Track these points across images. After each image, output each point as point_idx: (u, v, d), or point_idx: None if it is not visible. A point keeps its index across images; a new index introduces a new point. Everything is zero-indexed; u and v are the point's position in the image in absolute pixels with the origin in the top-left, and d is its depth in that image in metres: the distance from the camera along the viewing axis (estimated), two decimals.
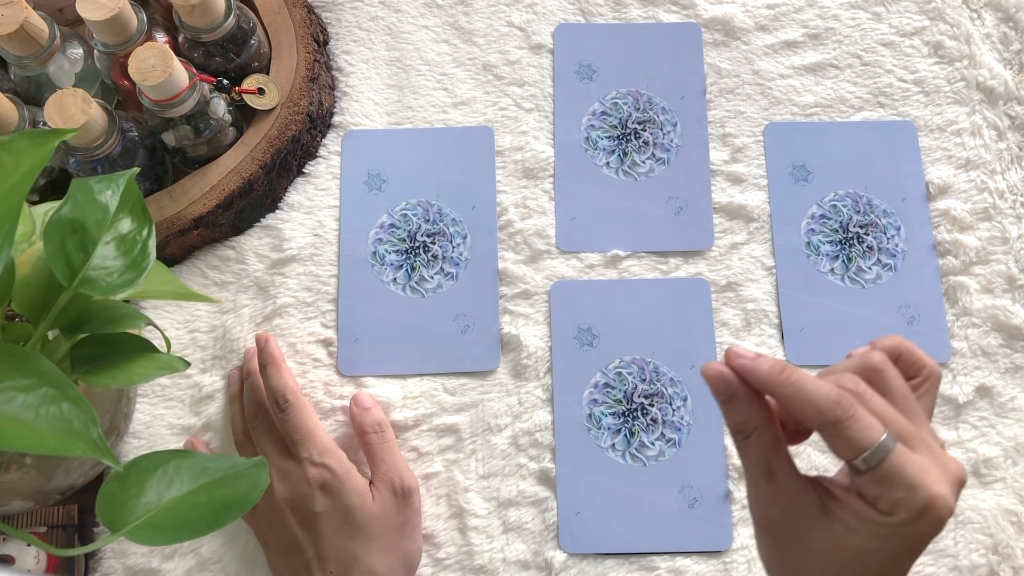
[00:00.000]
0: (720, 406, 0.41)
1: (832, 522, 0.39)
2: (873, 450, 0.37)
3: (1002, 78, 0.69)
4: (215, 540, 0.60)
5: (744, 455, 0.41)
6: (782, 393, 0.38)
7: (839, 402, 0.37)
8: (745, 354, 0.40)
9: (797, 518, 0.40)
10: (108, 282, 0.43)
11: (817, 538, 0.39)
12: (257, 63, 0.65)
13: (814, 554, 0.39)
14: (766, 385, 0.39)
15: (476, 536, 0.60)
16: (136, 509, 0.40)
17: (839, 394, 0.38)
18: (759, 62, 0.71)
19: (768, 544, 0.42)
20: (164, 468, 0.42)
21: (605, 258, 0.66)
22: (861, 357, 0.41)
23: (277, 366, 0.60)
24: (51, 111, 0.54)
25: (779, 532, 0.41)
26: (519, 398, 0.63)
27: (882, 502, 0.37)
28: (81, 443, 0.36)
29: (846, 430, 0.37)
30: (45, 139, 0.39)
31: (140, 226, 0.45)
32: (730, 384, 0.40)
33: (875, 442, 0.37)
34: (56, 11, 0.65)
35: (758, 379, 0.39)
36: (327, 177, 0.68)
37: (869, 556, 0.38)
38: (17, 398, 0.37)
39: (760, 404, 0.40)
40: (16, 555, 0.57)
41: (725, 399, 0.40)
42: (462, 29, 0.71)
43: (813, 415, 0.38)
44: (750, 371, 0.40)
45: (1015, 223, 0.67)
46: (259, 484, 0.43)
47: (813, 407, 0.38)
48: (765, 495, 0.40)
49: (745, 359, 0.40)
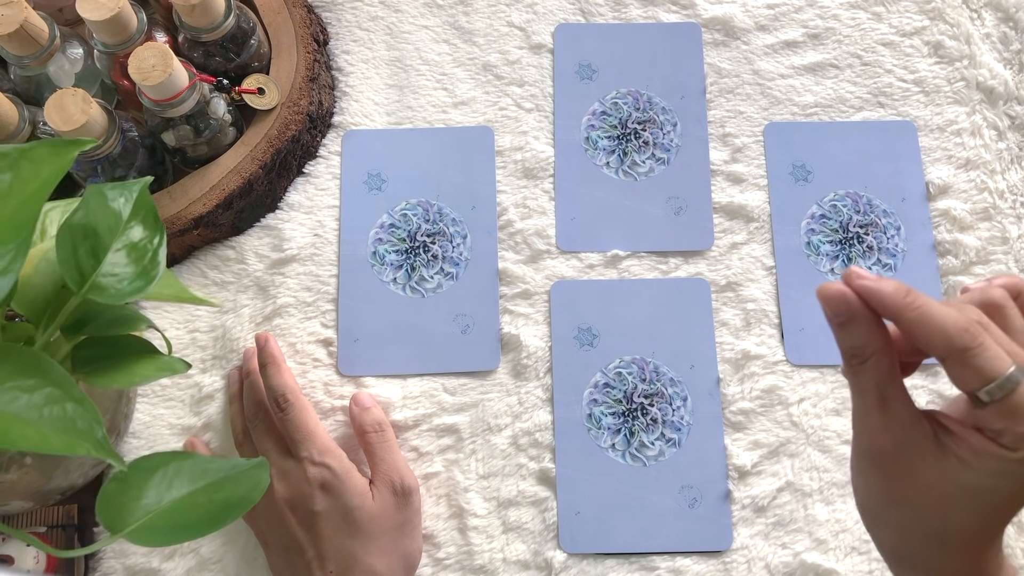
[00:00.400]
0: (835, 329, 0.39)
1: (947, 456, 0.37)
2: (1002, 381, 0.35)
3: (1002, 78, 0.69)
4: (215, 540, 0.60)
5: (857, 381, 0.39)
6: (907, 317, 0.36)
7: (967, 328, 0.36)
8: (867, 275, 0.38)
9: (909, 449, 0.38)
10: (117, 289, 0.43)
11: (929, 471, 0.37)
12: (257, 63, 0.65)
13: (924, 487, 0.38)
14: (890, 308, 0.37)
15: (476, 536, 0.60)
16: (136, 511, 0.40)
17: (968, 320, 0.36)
18: (759, 62, 0.71)
19: (873, 476, 0.40)
20: (164, 470, 0.42)
21: (605, 258, 0.66)
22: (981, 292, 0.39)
23: (277, 366, 0.60)
24: (51, 111, 0.54)
25: (888, 463, 0.38)
26: (519, 398, 0.63)
27: (1006, 436, 0.36)
28: (85, 443, 0.36)
29: (975, 358, 0.35)
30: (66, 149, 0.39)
31: (151, 234, 0.45)
32: (851, 305, 0.38)
33: (1004, 372, 0.35)
34: (56, 11, 0.65)
35: (882, 300, 0.37)
36: (327, 177, 0.68)
37: (984, 494, 0.37)
38: (21, 398, 0.37)
39: (879, 327, 0.38)
40: (16, 555, 0.57)
41: (844, 321, 0.38)
42: (462, 29, 0.71)
43: (939, 341, 0.36)
44: (874, 292, 0.37)
45: (1015, 223, 0.67)
46: (259, 485, 0.43)
47: (940, 333, 0.36)
48: (877, 423, 0.38)
49: (868, 280, 0.38)
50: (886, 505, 0.40)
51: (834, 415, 0.63)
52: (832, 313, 0.38)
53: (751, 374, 0.63)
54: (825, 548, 0.60)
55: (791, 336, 0.64)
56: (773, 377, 0.63)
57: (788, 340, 0.64)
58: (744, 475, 0.61)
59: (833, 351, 0.56)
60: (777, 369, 0.64)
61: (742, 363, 0.64)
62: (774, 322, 0.65)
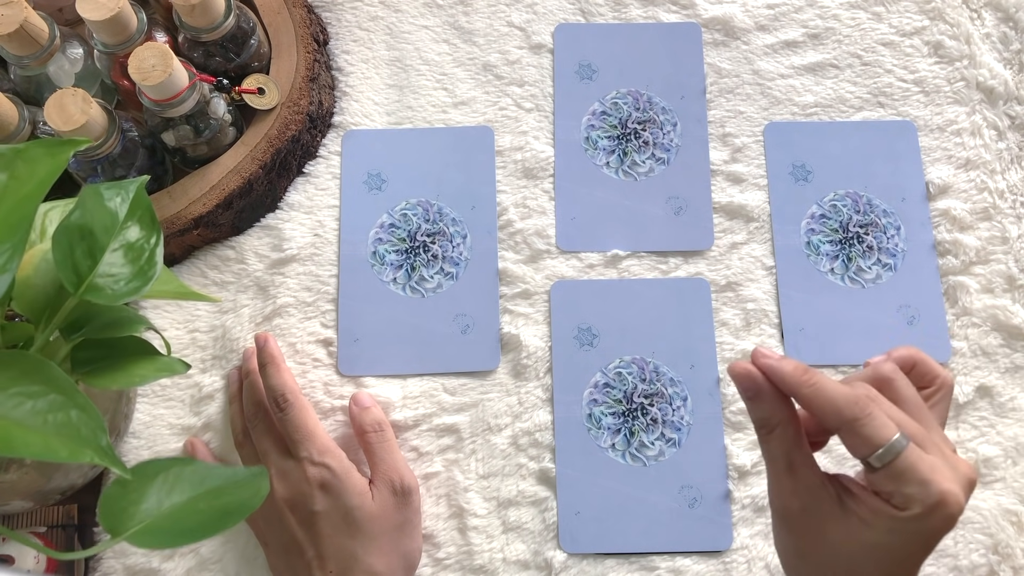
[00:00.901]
0: (746, 403, 0.43)
1: (848, 516, 0.41)
2: (888, 447, 0.39)
3: (1002, 78, 0.69)
4: (215, 540, 0.60)
5: (767, 449, 0.43)
6: (803, 393, 0.41)
7: (856, 402, 0.40)
8: (770, 355, 0.42)
9: (815, 510, 0.42)
10: (114, 289, 0.43)
11: (834, 530, 0.41)
12: (257, 63, 0.65)
13: (830, 545, 0.41)
14: (789, 384, 0.41)
15: (476, 536, 0.60)
16: (137, 514, 0.40)
17: (856, 395, 0.40)
18: (759, 62, 0.71)
19: (785, 534, 0.44)
20: (165, 475, 0.42)
21: (605, 258, 0.66)
22: (874, 368, 0.43)
23: (276, 365, 0.60)
24: (51, 111, 0.54)
25: (798, 523, 0.43)
26: (519, 398, 0.63)
27: (896, 497, 0.40)
28: (89, 450, 0.36)
29: (863, 427, 0.39)
30: (61, 148, 0.39)
31: (148, 234, 0.45)
32: (756, 381, 0.42)
33: (889, 439, 0.39)
34: (56, 11, 0.65)
35: (782, 378, 0.42)
36: (327, 177, 0.68)
37: (882, 549, 0.40)
38: (25, 404, 0.37)
39: (784, 401, 0.42)
40: (16, 555, 0.57)
41: (751, 396, 0.42)
42: (462, 29, 0.71)
43: (831, 413, 0.40)
44: (775, 371, 0.42)
45: (1015, 223, 0.67)
46: (259, 492, 0.43)
47: (832, 405, 0.40)
48: (786, 488, 0.42)
49: (771, 359, 0.42)
50: (798, 561, 0.44)
51: None
52: (740, 389, 0.43)
53: None
54: None
55: (791, 336, 0.64)
56: None
57: (788, 340, 0.64)
58: (744, 475, 0.61)
59: (834, 351, 0.56)
60: None
61: None
62: (774, 322, 0.65)
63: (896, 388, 0.43)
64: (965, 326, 0.64)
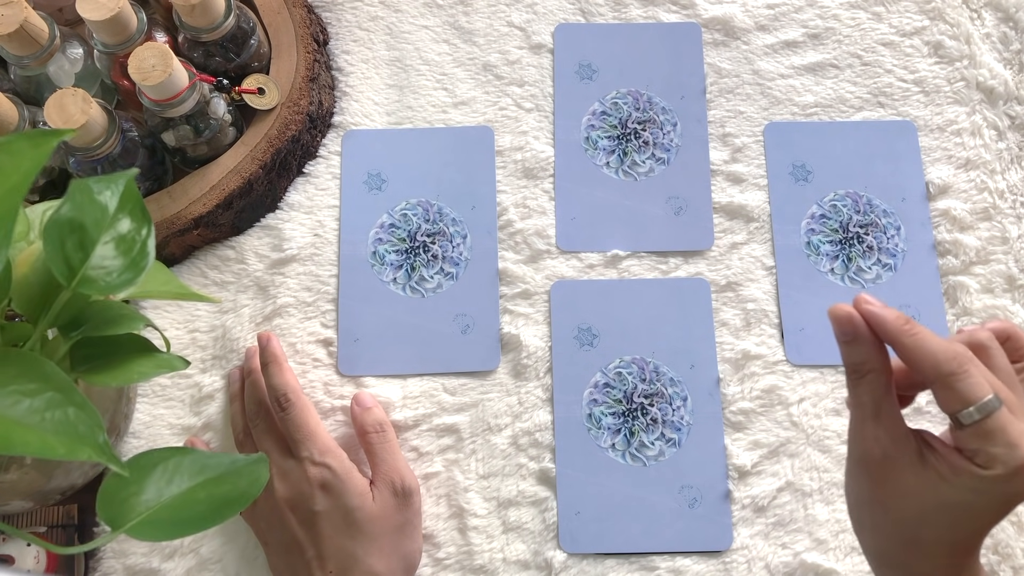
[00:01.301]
0: (841, 346, 0.43)
1: (928, 469, 0.41)
2: (980, 404, 0.39)
3: (1002, 78, 0.69)
4: (215, 540, 0.60)
5: (856, 394, 0.43)
6: (904, 342, 0.41)
7: (955, 357, 0.40)
8: (873, 302, 0.42)
9: (896, 459, 0.42)
10: (107, 282, 0.43)
11: (911, 481, 0.41)
12: (257, 63, 0.65)
13: (905, 495, 0.42)
14: (891, 331, 0.41)
15: (476, 536, 0.60)
16: (136, 506, 0.40)
17: (955, 351, 0.40)
18: (759, 62, 0.71)
19: (862, 481, 0.44)
20: (164, 465, 0.42)
21: (605, 258, 0.66)
22: (969, 334, 0.43)
23: (279, 365, 0.60)
24: (51, 111, 0.54)
25: (876, 470, 0.43)
26: (519, 398, 0.63)
27: (980, 456, 0.40)
28: (87, 448, 0.36)
29: (959, 382, 0.40)
30: (44, 139, 0.39)
31: (139, 226, 0.45)
32: (855, 325, 0.42)
33: (983, 397, 0.39)
34: (56, 11, 0.65)
35: (883, 324, 0.42)
36: (327, 177, 0.68)
37: (958, 507, 0.41)
38: (23, 402, 0.37)
39: (880, 349, 0.42)
40: (16, 555, 0.57)
41: (848, 339, 0.43)
42: (462, 29, 0.71)
43: (930, 365, 0.40)
44: (877, 317, 0.42)
45: (1015, 223, 0.67)
46: (259, 480, 0.43)
47: (931, 357, 0.40)
48: (870, 433, 0.42)
49: (874, 306, 0.42)
50: (871, 509, 0.44)
51: (834, 415, 0.62)
52: (839, 331, 0.43)
53: (751, 374, 0.63)
54: (825, 548, 0.60)
55: (791, 336, 0.64)
56: (773, 377, 0.63)
57: (788, 340, 0.64)
58: (744, 475, 0.61)
59: (834, 351, 0.56)
60: (777, 369, 0.64)
61: (742, 363, 0.64)
62: (774, 322, 0.65)
63: (991, 355, 0.43)
64: (965, 326, 0.64)
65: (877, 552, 0.45)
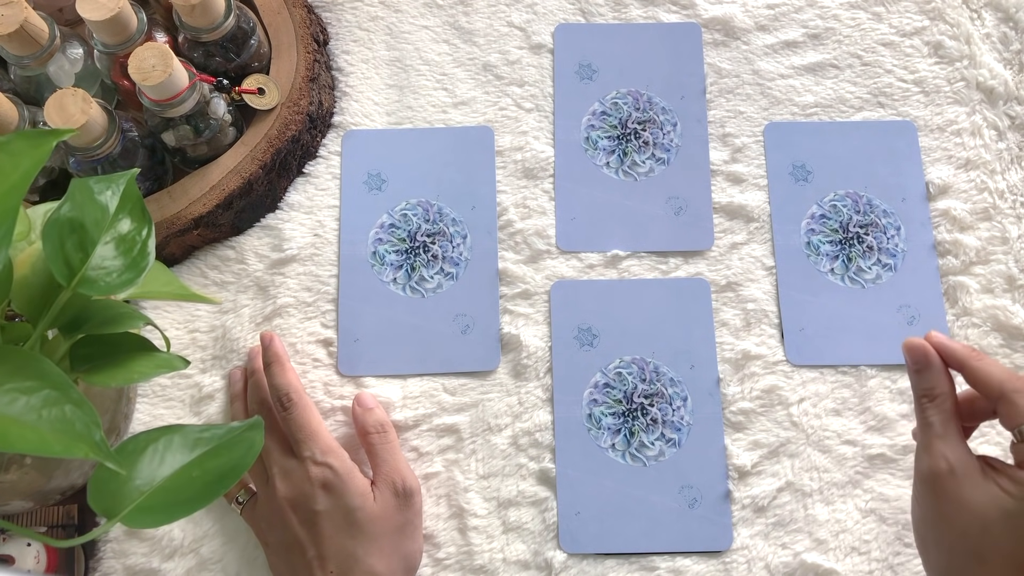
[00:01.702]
0: (912, 375, 0.50)
1: (990, 484, 0.45)
2: None
3: (1002, 78, 0.69)
4: (215, 540, 0.60)
5: (925, 417, 0.48)
6: (972, 366, 0.47)
7: (1019, 378, 0.46)
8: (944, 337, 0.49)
9: (960, 474, 0.46)
10: (107, 282, 0.43)
11: (974, 496, 0.45)
12: (257, 63, 0.65)
13: (968, 509, 0.46)
14: (960, 359, 0.48)
15: (476, 536, 0.60)
16: (130, 492, 0.40)
17: (1016, 374, 0.46)
18: (759, 62, 0.71)
19: (927, 498, 0.48)
20: (154, 446, 0.42)
21: (605, 258, 0.66)
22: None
23: (281, 365, 0.60)
24: (51, 111, 0.54)
25: (941, 486, 0.47)
26: (519, 398, 0.63)
27: None
28: (83, 445, 0.36)
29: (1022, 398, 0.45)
30: (43, 139, 0.39)
31: (139, 226, 0.45)
32: (928, 354, 0.49)
33: None
34: (56, 11, 0.65)
35: (954, 354, 0.49)
36: (327, 177, 0.68)
37: (1018, 518, 0.44)
38: (20, 400, 0.37)
39: (948, 376, 0.49)
40: (16, 555, 0.57)
41: (920, 368, 0.49)
42: (462, 29, 0.71)
43: (995, 384, 0.46)
44: (948, 347, 0.49)
45: (1015, 223, 0.67)
46: (253, 447, 0.43)
47: (996, 377, 0.46)
48: (938, 451, 0.47)
49: (944, 339, 0.49)
50: (935, 525, 0.47)
51: (834, 415, 0.63)
52: (911, 360, 0.49)
53: (751, 374, 0.63)
54: (825, 548, 0.60)
55: (791, 336, 0.64)
56: (773, 377, 0.63)
57: (788, 340, 0.64)
58: (744, 475, 0.61)
59: (834, 351, 0.57)
60: (777, 369, 0.64)
61: (742, 363, 0.64)
62: (774, 322, 0.65)
63: None
64: (965, 326, 0.64)
65: (940, 569, 0.48)
